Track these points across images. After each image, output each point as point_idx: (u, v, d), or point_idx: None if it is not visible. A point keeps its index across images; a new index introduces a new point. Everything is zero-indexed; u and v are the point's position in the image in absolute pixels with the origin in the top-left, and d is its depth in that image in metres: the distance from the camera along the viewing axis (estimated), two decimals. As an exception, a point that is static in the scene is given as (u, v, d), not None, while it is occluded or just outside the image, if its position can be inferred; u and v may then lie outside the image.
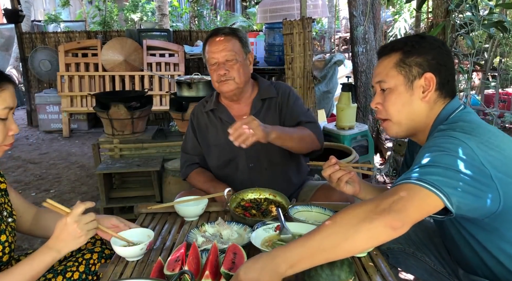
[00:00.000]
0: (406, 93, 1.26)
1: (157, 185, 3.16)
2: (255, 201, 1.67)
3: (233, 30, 1.93)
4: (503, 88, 6.15)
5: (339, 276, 1.07)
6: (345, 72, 5.50)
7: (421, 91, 1.25)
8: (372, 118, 4.25)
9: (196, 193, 1.79)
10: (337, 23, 12.51)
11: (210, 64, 1.90)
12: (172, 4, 10.68)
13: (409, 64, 1.25)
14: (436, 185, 1.02)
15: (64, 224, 1.20)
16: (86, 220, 1.22)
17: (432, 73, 1.23)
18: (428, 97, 1.25)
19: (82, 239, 1.22)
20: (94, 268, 1.46)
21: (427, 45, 1.26)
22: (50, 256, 1.22)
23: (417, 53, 1.25)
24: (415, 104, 1.26)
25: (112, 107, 3.37)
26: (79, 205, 1.22)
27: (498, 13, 3.18)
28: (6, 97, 1.23)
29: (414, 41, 1.27)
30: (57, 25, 9.27)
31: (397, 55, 1.27)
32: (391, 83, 1.27)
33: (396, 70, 1.26)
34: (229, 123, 1.89)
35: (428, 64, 1.24)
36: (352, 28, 4.18)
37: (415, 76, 1.24)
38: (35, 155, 5.17)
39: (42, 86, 6.61)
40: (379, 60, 1.33)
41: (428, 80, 1.24)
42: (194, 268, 1.14)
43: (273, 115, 1.96)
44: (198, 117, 2.04)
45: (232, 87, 1.88)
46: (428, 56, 1.24)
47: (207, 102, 2.05)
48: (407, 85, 1.25)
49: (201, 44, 6.45)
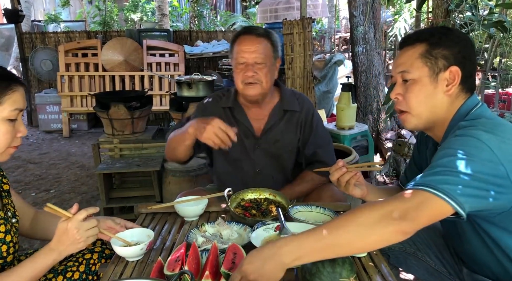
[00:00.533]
0: (430, 85, 1.23)
1: (157, 185, 3.16)
2: (255, 201, 1.67)
3: (267, 32, 1.84)
4: (503, 88, 6.15)
5: (341, 274, 1.07)
6: (345, 72, 5.49)
7: (445, 84, 1.23)
8: (372, 118, 4.25)
9: (197, 193, 1.79)
10: (337, 23, 12.51)
11: (237, 62, 1.80)
12: (172, 4, 10.68)
13: (435, 56, 1.22)
14: (451, 195, 1.04)
15: (65, 229, 1.20)
16: (87, 226, 1.23)
17: (457, 66, 1.21)
18: (452, 91, 1.23)
19: (81, 244, 1.23)
20: (94, 268, 1.46)
21: (454, 38, 1.23)
22: (51, 257, 1.23)
23: (444, 45, 1.22)
24: (438, 97, 1.24)
25: (112, 107, 3.37)
26: (82, 212, 1.22)
27: (498, 13, 3.17)
28: (17, 99, 1.23)
29: (441, 33, 1.25)
30: (57, 25, 9.28)
31: (423, 46, 1.24)
32: (415, 74, 1.24)
33: (421, 61, 1.23)
34: (244, 125, 1.88)
35: (454, 57, 1.22)
36: (352, 28, 4.19)
37: (440, 68, 1.22)
38: (35, 155, 5.17)
39: (42, 86, 6.62)
40: (402, 50, 1.30)
41: (453, 73, 1.22)
42: (194, 268, 1.14)
43: (293, 130, 1.92)
44: (212, 111, 1.91)
45: (257, 91, 1.80)
46: (454, 49, 1.22)
47: (223, 97, 1.95)
48: (431, 77, 1.23)
49: (201, 44, 6.45)
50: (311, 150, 1.92)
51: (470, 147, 1.08)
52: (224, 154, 1.92)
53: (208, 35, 6.94)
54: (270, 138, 1.90)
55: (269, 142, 1.90)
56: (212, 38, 6.82)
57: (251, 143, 1.90)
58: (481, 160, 1.06)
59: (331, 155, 1.96)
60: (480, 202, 1.07)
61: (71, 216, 1.21)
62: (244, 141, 1.89)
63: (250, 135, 1.90)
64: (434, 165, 1.11)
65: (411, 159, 1.58)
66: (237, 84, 1.83)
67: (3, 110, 1.20)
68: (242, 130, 1.87)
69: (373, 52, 4.18)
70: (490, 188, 1.06)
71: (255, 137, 1.90)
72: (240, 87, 1.82)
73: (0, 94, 1.20)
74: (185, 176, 3.04)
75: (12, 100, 1.22)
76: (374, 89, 4.22)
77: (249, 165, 1.92)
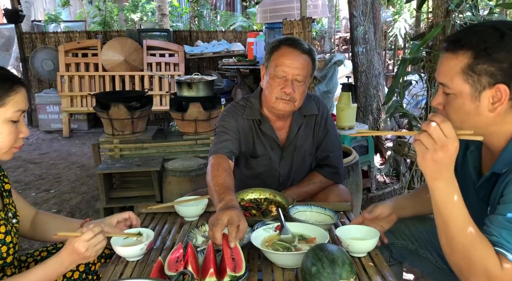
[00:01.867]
0: (472, 104, 1.09)
1: (157, 185, 3.16)
2: (255, 201, 1.67)
3: (310, 49, 1.74)
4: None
5: (341, 275, 1.07)
6: (345, 72, 5.50)
7: (490, 102, 1.08)
8: (372, 118, 4.25)
9: (201, 194, 1.78)
10: (337, 23, 12.52)
11: (276, 75, 1.71)
12: (172, 4, 10.68)
13: (478, 72, 1.06)
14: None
15: (74, 249, 1.21)
16: (95, 243, 1.23)
17: (505, 84, 1.05)
18: (498, 110, 1.08)
19: (91, 258, 1.25)
20: (94, 268, 1.46)
21: (506, 46, 1.04)
22: (63, 267, 1.23)
23: (491, 59, 1.05)
24: (482, 115, 1.09)
25: (112, 107, 3.37)
26: (88, 233, 1.22)
27: (498, 13, 3.18)
28: (19, 100, 1.23)
29: (490, 43, 1.06)
30: (57, 25, 9.28)
31: (466, 58, 1.08)
32: (455, 90, 1.11)
33: (462, 77, 1.09)
34: (270, 138, 1.85)
35: (502, 73, 1.05)
36: (352, 28, 4.19)
37: (484, 86, 1.07)
38: (35, 155, 5.17)
39: (42, 86, 6.62)
40: (444, 55, 1.15)
41: (501, 92, 1.06)
42: (194, 267, 1.15)
43: (311, 134, 1.90)
44: (238, 120, 1.84)
45: (289, 109, 1.74)
46: (503, 64, 1.04)
47: (245, 107, 1.86)
48: (473, 96, 1.09)
49: (201, 44, 6.45)
50: (324, 153, 1.92)
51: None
52: (252, 166, 1.89)
53: (208, 35, 6.95)
54: (292, 146, 1.89)
55: (292, 151, 1.89)
56: (212, 38, 6.83)
57: (276, 154, 1.88)
58: None
59: (341, 160, 1.98)
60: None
61: (79, 235, 1.22)
62: (271, 154, 1.87)
63: (276, 147, 1.87)
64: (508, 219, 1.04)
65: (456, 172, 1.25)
66: (268, 96, 1.75)
67: (6, 111, 1.20)
68: (268, 143, 1.85)
69: (373, 52, 4.18)
70: None
71: (280, 148, 1.88)
72: (271, 100, 1.74)
73: (3, 95, 1.19)
74: (185, 176, 3.05)
75: (15, 101, 1.21)
76: (374, 89, 4.22)
77: (273, 179, 1.90)
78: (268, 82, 1.75)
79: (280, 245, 1.29)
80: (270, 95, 1.74)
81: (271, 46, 1.77)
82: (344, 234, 1.34)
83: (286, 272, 1.21)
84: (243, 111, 1.85)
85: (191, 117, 3.43)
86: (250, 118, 1.84)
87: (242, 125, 1.84)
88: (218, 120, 1.88)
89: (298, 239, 1.33)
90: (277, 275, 1.20)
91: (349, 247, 1.29)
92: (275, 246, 1.29)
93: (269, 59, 1.75)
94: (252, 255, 1.31)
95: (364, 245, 1.30)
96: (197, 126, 3.46)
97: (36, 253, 1.55)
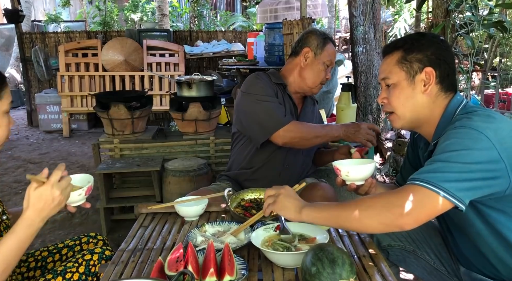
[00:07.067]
0: (409, 87, 1.33)
1: (157, 185, 3.16)
2: (255, 201, 1.67)
3: None
4: (503, 88, 6.16)
5: (340, 275, 1.07)
6: (345, 72, 5.49)
7: (422, 84, 1.32)
8: (372, 118, 4.25)
9: (202, 193, 1.79)
10: (337, 23, 12.52)
11: (325, 63, 1.97)
12: (172, 4, 10.68)
13: (410, 60, 1.32)
14: (451, 193, 1.09)
15: (44, 195, 1.14)
16: (65, 185, 1.20)
17: (431, 67, 1.30)
18: (429, 90, 1.31)
19: (63, 204, 1.21)
20: (94, 269, 1.46)
21: (426, 41, 1.33)
22: (34, 227, 1.16)
23: (417, 49, 1.32)
24: (417, 97, 1.33)
25: (112, 107, 3.37)
26: (56, 173, 1.17)
27: (498, 13, 3.17)
28: (8, 92, 1.30)
29: (414, 39, 1.36)
30: (57, 25, 9.28)
31: (399, 53, 1.35)
32: (394, 79, 1.35)
33: (398, 67, 1.34)
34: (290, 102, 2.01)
35: (427, 59, 1.31)
36: (352, 28, 4.19)
37: (416, 71, 1.32)
38: (35, 155, 5.17)
39: (42, 86, 6.62)
40: (383, 58, 1.42)
41: (428, 74, 1.31)
42: (194, 267, 1.15)
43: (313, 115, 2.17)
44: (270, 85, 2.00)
45: (318, 92, 2.03)
46: (427, 52, 1.31)
47: (269, 76, 2.03)
48: (409, 80, 1.33)
49: (201, 44, 6.46)
50: None
51: (469, 139, 1.14)
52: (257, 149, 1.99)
53: (208, 35, 6.95)
54: (302, 119, 2.04)
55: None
56: (212, 38, 6.83)
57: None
58: (478, 150, 1.12)
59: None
60: (479, 193, 1.13)
61: (45, 181, 1.15)
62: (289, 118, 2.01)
63: (294, 113, 2.02)
64: (435, 160, 1.16)
65: (405, 158, 1.64)
66: (313, 78, 1.98)
67: (2, 104, 1.28)
68: (288, 107, 1.99)
69: (373, 52, 4.18)
70: (487, 176, 1.12)
71: (295, 117, 2.01)
72: (314, 83, 1.98)
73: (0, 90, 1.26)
74: (185, 176, 3.04)
75: (7, 94, 1.29)
76: (374, 89, 4.23)
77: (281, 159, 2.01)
78: (317, 67, 1.97)
79: (280, 245, 1.30)
80: (316, 78, 1.97)
81: (324, 36, 2.00)
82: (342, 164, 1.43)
83: (286, 272, 1.22)
84: (270, 78, 2.02)
85: (191, 117, 3.43)
86: (278, 82, 2.00)
87: (274, 89, 2.00)
88: (254, 89, 1.97)
89: (298, 239, 1.33)
90: (277, 275, 1.20)
91: (349, 174, 1.36)
92: (275, 246, 1.29)
93: (322, 47, 1.97)
94: (252, 255, 1.32)
95: (364, 169, 1.37)
96: (197, 126, 3.46)
97: (37, 253, 1.55)
